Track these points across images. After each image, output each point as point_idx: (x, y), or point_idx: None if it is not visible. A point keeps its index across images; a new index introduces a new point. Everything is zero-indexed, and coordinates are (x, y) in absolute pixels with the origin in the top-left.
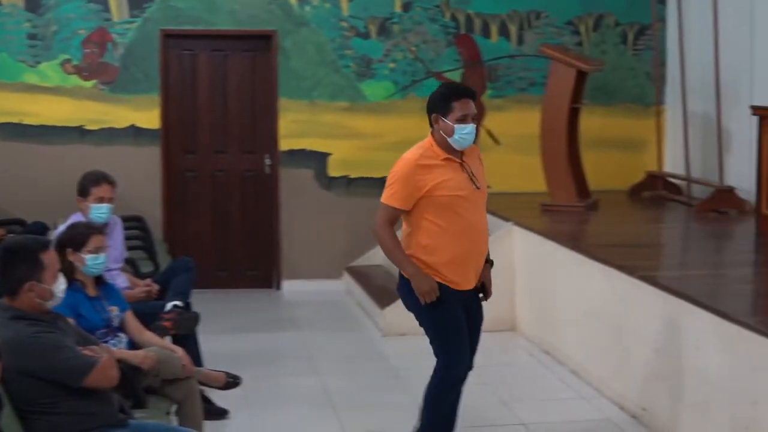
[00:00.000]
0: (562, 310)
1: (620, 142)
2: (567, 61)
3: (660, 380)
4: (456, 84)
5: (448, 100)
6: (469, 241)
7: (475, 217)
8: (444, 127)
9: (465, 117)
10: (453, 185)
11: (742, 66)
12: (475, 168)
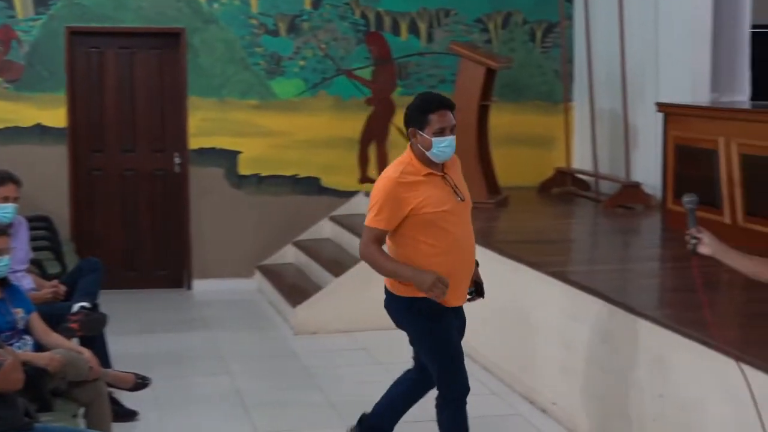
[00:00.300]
0: (472, 306)
1: (529, 138)
2: (476, 59)
3: (569, 374)
4: (432, 95)
5: (424, 112)
6: (459, 256)
7: (462, 231)
8: (422, 141)
9: (443, 130)
10: (437, 201)
11: (648, 63)
12: (458, 179)
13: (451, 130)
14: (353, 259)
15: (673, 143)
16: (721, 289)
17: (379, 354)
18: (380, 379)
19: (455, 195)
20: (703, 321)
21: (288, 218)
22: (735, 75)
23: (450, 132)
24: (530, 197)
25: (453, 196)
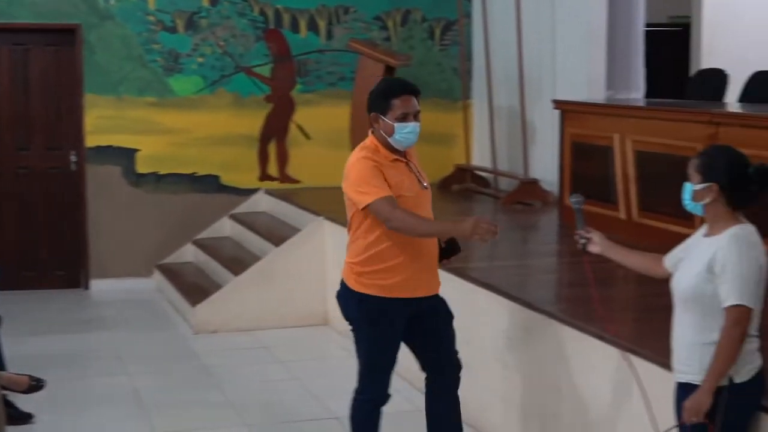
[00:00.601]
0: None
1: (429, 136)
2: (375, 56)
3: (470, 371)
4: (396, 80)
5: (387, 97)
6: (422, 244)
7: (427, 214)
8: (384, 127)
9: (406, 115)
10: (404, 187)
11: (545, 61)
12: (419, 168)
13: (414, 116)
14: (253, 257)
15: (569, 140)
16: (617, 285)
17: (280, 352)
18: (281, 377)
19: (419, 182)
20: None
21: (187, 216)
22: (630, 73)
23: (413, 118)
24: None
25: (417, 183)
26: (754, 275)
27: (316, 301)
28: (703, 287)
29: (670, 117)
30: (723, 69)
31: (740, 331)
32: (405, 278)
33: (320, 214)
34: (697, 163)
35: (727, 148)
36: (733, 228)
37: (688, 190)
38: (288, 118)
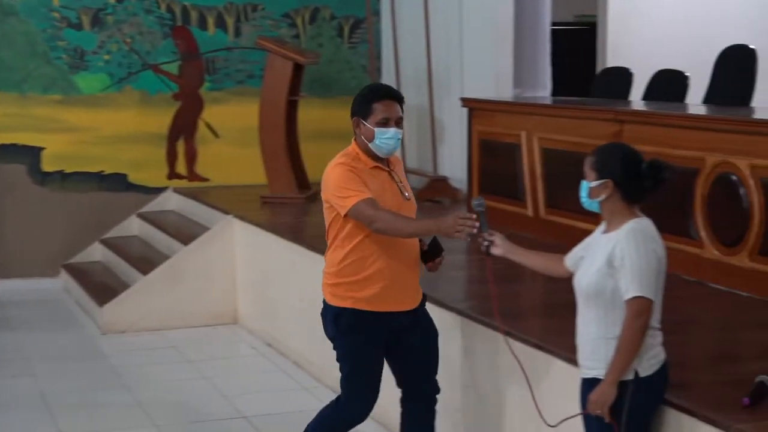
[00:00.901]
0: (283, 302)
1: (339, 133)
2: (283, 54)
3: None
4: (379, 85)
5: (369, 101)
6: (403, 256)
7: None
8: (364, 132)
9: (387, 120)
10: (383, 196)
11: (453, 59)
12: (402, 177)
13: (396, 122)
14: (162, 257)
15: (477, 138)
16: (525, 281)
17: (189, 352)
18: (190, 377)
19: (401, 193)
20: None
21: (94, 216)
22: (537, 71)
23: (395, 124)
24: None
25: (399, 193)
26: (653, 267)
27: (225, 300)
28: (604, 282)
29: (576, 115)
30: (628, 67)
31: (641, 323)
32: (382, 290)
33: (229, 212)
34: (592, 160)
35: (620, 145)
36: (630, 222)
37: (584, 188)
38: (196, 116)
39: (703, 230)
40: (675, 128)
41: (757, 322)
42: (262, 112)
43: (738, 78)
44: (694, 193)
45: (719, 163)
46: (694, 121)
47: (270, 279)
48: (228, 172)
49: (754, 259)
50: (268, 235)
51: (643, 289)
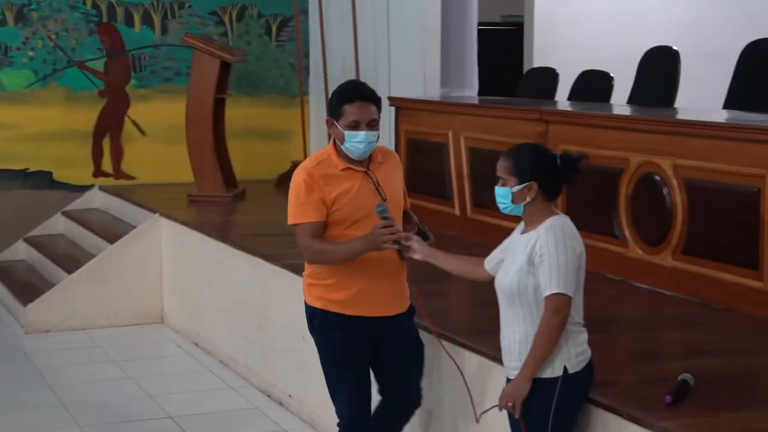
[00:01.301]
0: (210, 301)
1: (267, 131)
2: (210, 52)
3: (305, 366)
4: (353, 84)
5: (340, 102)
6: (372, 261)
7: (338, 242)
8: (336, 133)
9: (358, 123)
10: (352, 197)
11: (381, 58)
12: (386, 176)
13: (368, 124)
14: (88, 255)
15: (405, 137)
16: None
17: (115, 351)
18: (115, 377)
19: (378, 193)
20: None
21: (18, 213)
22: (464, 71)
23: (367, 127)
24: (268, 190)
25: (374, 194)
26: (573, 263)
27: (152, 299)
28: (526, 281)
29: (502, 114)
30: (554, 68)
31: (559, 318)
32: (355, 294)
33: (156, 211)
34: (509, 165)
35: (532, 145)
36: (550, 220)
37: (506, 194)
38: (123, 114)
39: (627, 229)
40: (600, 128)
41: (679, 321)
42: (189, 110)
43: (661, 79)
44: (618, 193)
45: (643, 163)
46: (618, 121)
47: (197, 278)
48: (155, 171)
49: (677, 258)
50: (194, 234)
51: (562, 285)
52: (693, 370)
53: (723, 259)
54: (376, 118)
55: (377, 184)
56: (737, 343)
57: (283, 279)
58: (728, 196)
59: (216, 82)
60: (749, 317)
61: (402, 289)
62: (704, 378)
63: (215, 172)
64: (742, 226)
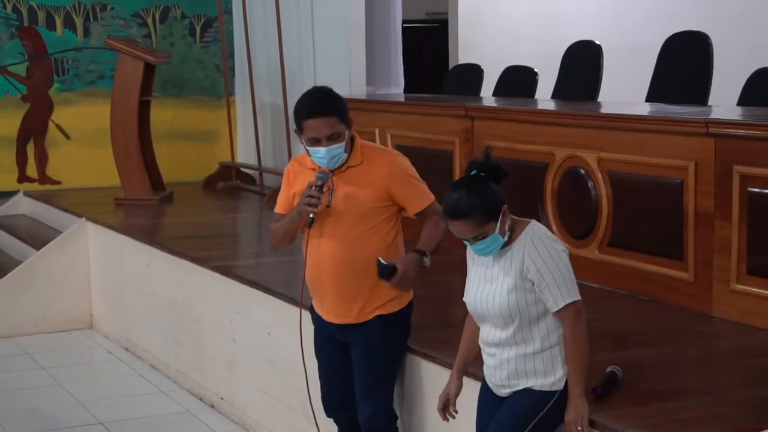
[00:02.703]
0: (139, 305)
1: (193, 133)
2: (134, 54)
3: (235, 368)
4: (309, 97)
5: (299, 118)
6: (316, 266)
7: (324, 240)
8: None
9: (317, 140)
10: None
11: (306, 57)
12: (356, 179)
13: (329, 138)
14: (14, 262)
15: None
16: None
17: (44, 358)
18: (44, 384)
19: (326, 199)
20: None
21: None
22: (389, 69)
23: (328, 141)
24: (195, 192)
25: (324, 198)
26: (568, 266)
27: (80, 304)
28: (523, 298)
29: (428, 111)
30: (478, 64)
31: (583, 323)
32: (312, 293)
33: (82, 215)
34: (478, 218)
35: (474, 178)
36: (526, 230)
37: (495, 241)
38: (46, 118)
39: (553, 223)
40: (525, 123)
41: (606, 313)
42: (113, 113)
43: (585, 73)
44: (544, 188)
45: (568, 157)
46: (543, 116)
47: (125, 282)
48: (80, 175)
49: (603, 251)
50: (122, 238)
51: (573, 292)
52: (620, 361)
53: (648, 251)
54: (337, 131)
55: (331, 188)
56: (663, 334)
57: (211, 281)
58: (652, 189)
59: (140, 84)
60: (675, 308)
61: (353, 298)
62: (632, 369)
63: (141, 175)
64: (666, 217)
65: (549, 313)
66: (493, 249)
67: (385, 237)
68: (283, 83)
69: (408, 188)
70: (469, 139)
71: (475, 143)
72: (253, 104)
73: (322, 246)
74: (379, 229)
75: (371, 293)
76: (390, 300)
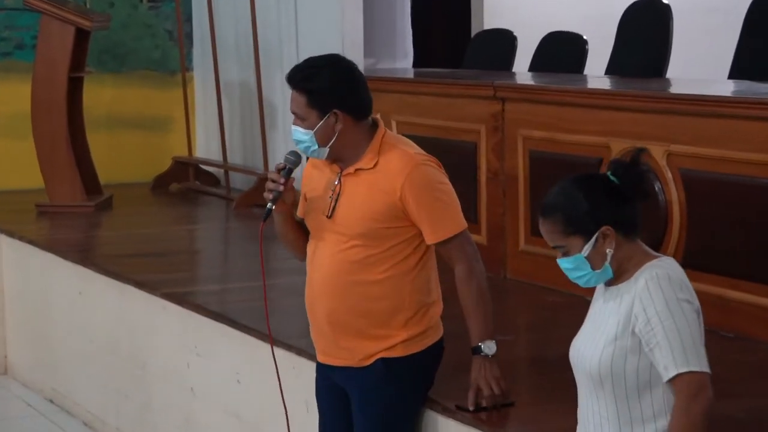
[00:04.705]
0: (68, 344)
1: (139, 119)
2: (62, 17)
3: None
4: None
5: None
6: (310, 292)
7: (319, 259)
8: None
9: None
10: (312, 198)
11: (286, 24)
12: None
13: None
14: None
15: None
16: None
17: None
18: None
19: (327, 206)
20: None
21: None
22: (394, 37)
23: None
24: (141, 196)
25: (324, 205)
26: (695, 326)
27: None
28: (621, 357)
29: (444, 91)
30: (510, 30)
31: (701, 405)
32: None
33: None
34: (560, 224)
35: (571, 180)
36: (647, 267)
37: (579, 264)
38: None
39: None
40: (571, 107)
41: None
42: (35, 94)
43: (649, 42)
44: None
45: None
46: (594, 97)
47: (50, 315)
48: None
49: None
50: (46, 256)
51: (693, 360)
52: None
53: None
54: (301, 114)
55: (336, 195)
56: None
57: (163, 313)
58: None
59: (70, 56)
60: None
61: (350, 336)
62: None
63: (71, 174)
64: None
65: (660, 385)
66: (582, 276)
67: (399, 265)
68: (256, 55)
69: (428, 207)
70: (498, 127)
71: (506, 133)
72: (216, 82)
73: (317, 267)
74: (392, 254)
75: (374, 331)
76: (403, 340)
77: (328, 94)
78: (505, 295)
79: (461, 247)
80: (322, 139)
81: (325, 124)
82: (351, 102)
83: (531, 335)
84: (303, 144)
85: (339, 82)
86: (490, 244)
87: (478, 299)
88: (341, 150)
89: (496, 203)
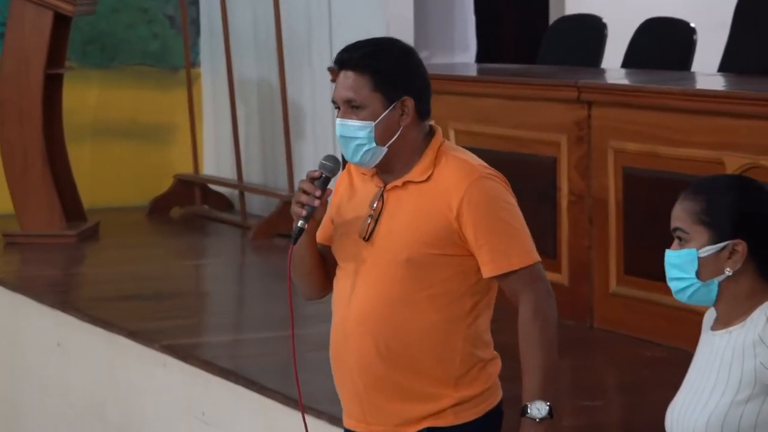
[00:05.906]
0: (44, 409)
1: (132, 128)
2: (38, 1)
3: None
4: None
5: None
6: (337, 327)
7: (357, 292)
8: None
9: (335, 103)
10: (343, 219)
11: (317, 11)
12: (413, 205)
13: (346, 105)
14: None
15: None
16: None
17: None
18: None
19: (365, 228)
20: None
21: None
22: (453, 26)
23: (344, 110)
24: (136, 224)
25: (363, 226)
26: None
27: None
28: (737, 416)
29: (516, 93)
30: (598, 16)
31: None
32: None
33: None
34: (697, 208)
35: (737, 178)
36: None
37: (687, 260)
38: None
39: None
40: (675, 113)
41: None
42: (2, 95)
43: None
44: None
45: (748, 168)
46: (705, 101)
47: (21, 372)
48: None
49: None
50: (16, 299)
51: None
52: None
53: None
54: (359, 99)
55: (377, 214)
56: None
57: (162, 371)
58: None
59: (47, 47)
60: None
61: (388, 394)
62: None
63: (48, 195)
64: None
65: None
66: (681, 279)
67: (451, 306)
68: (279, 48)
69: (488, 229)
70: (583, 138)
71: (593, 145)
72: (229, 81)
73: (348, 305)
74: (443, 292)
75: (418, 387)
76: (453, 404)
77: (400, 75)
78: (591, 349)
79: (530, 282)
80: (382, 136)
81: (390, 114)
82: (422, 91)
83: (623, 398)
84: (355, 141)
85: (410, 66)
86: (573, 285)
87: (539, 347)
88: (396, 155)
89: (581, 233)
